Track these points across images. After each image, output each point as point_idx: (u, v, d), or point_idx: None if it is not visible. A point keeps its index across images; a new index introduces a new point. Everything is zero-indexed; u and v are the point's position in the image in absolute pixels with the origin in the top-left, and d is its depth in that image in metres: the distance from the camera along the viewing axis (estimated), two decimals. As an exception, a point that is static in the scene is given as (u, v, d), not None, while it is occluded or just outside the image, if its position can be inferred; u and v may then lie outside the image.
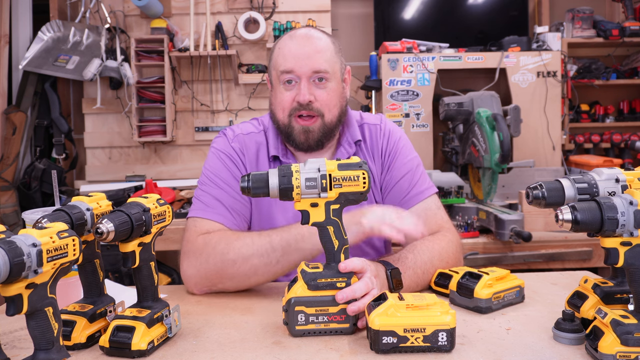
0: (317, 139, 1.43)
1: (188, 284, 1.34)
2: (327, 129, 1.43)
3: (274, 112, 1.46)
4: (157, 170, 3.69)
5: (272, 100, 1.48)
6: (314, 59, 1.38)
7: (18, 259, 0.79)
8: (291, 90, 1.40)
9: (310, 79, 1.39)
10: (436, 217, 1.46)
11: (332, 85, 1.42)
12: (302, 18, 3.63)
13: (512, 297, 1.21)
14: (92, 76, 3.40)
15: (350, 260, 1.07)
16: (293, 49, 1.39)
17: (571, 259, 2.57)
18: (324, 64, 1.39)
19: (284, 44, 1.42)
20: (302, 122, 1.41)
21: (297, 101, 1.39)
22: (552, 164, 3.32)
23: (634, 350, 0.87)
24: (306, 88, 1.38)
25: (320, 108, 1.40)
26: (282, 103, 1.41)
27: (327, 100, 1.41)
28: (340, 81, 1.45)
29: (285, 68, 1.39)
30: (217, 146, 1.49)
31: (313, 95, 1.39)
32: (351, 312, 1.04)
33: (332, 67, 1.41)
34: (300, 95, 1.38)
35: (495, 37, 3.56)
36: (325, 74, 1.39)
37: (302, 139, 1.42)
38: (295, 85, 1.40)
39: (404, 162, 1.51)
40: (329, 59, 1.40)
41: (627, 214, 0.88)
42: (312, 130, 1.41)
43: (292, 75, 1.39)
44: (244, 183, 1.04)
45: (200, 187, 1.46)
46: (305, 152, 1.46)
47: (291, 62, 1.38)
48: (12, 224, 3.21)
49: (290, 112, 1.41)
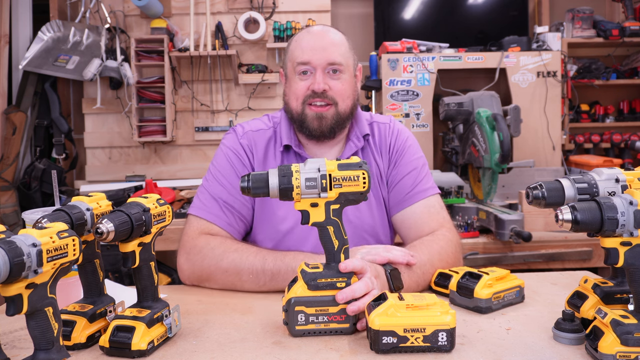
0: (330, 126, 1.46)
1: (181, 275, 1.43)
2: (340, 118, 1.46)
3: (287, 102, 1.51)
4: (157, 170, 3.69)
5: (286, 91, 1.52)
6: (329, 51, 1.44)
7: (18, 259, 0.79)
8: (306, 80, 1.45)
9: (325, 70, 1.44)
10: (438, 216, 1.47)
11: (346, 77, 1.47)
12: (302, 18, 3.63)
13: (512, 297, 1.21)
14: (92, 76, 3.40)
15: (350, 260, 1.07)
16: (310, 41, 1.45)
17: (571, 259, 2.57)
18: (338, 57, 1.44)
19: (301, 37, 1.48)
20: (315, 109, 1.45)
21: (312, 89, 1.43)
22: (552, 164, 3.32)
23: (634, 350, 0.87)
24: (321, 77, 1.43)
25: (334, 96, 1.45)
26: (297, 92, 1.46)
27: (341, 90, 1.45)
28: (352, 75, 1.51)
29: (302, 59, 1.44)
30: (226, 142, 1.53)
31: (327, 85, 1.44)
32: (351, 312, 1.04)
33: (346, 60, 1.47)
34: (316, 84, 1.43)
35: (495, 37, 3.56)
36: (340, 66, 1.45)
37: (315, 125, 1.45)
38: (310, 75, 1.45)
39: (410, 159, 1.54)
40: (343, 52, 1.46)
41: (627, 214, 0.88)
42: (326, 116, 1.45)
43: (308, 66, 1.44)
44: (243, 183, 1.05)
45: (204, 182, 1.51)
46: (317, 140, 1.49)
47: (308, 53, 1.44)
48: (12, 224, 3.21)
49: (304, 100, 1.45)
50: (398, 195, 1.51)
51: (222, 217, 1.43)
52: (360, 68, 1.56)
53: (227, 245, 1.36)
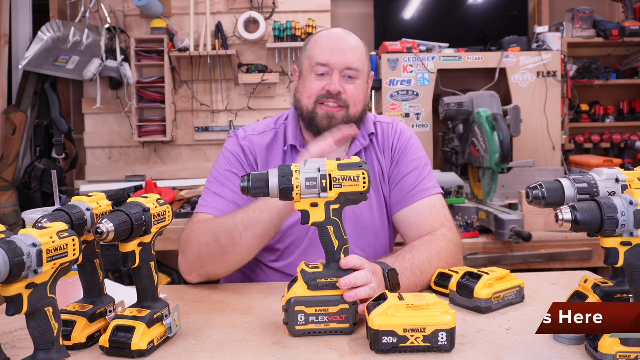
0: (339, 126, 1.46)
1: (182, 274, 1.41)
2: (349, 121, 1.48)
3: (299, 99, 1.52)
4: (157, 170, 3.69)
5: (298, 88, 1.53)
6: (348, 55, 1.46)
7: (18, 259, 0.79)
8: (322, 80, 1.47)
9: (342, 73, 1.46)
10: (439, 215, 1.48)
11: (360, 83, 1.49)
12: (302, 18, 3.63)
13: (512, 297, 1.21)
14: (92, 76, 3.40)
15: (351, 256, 1.08)
16: (331, 43, 1.48)
17: (571, 259, 2.57)
18: (356, 62, 1.46)
19: (322, 38, 1.50)
20: (326, 108, 1.46)
21: (328, 90, 1.45)
22: (552, 164, 3.32)
23: (634, 350, 0.87)
24: (337, 80, 1.45)
25: (347, 100, 1.47)
26: (311, 90, 1.47)
27: (354, 95, 1.47)
28: (366, 82, 1.53)
29: (321, 60, 1.46)
30: (227, 146, 1.55)
31: (342, 88, 1.45)
32: (348, 298, 1.05)
33: (362, 66, 1.49)
34: (332, 85, 1.45)
35: (495, 37, 3.56)
36: (356, 71, 1.47)
37: (324, 124, 1.46)
38: (326, 76, 1.47)
39: (412, 159, 1.55)
40: (360, 58, 1.48)
41: (627, 214, 0.88)
42: (337, 117, 1.46)
43: (326, 68, 1.45)
44: (244, 183, 1.05)
45: (207, 184, 1.52)
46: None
47: (327, 55, 1.46)
48: (12, 224, 3.21)
49: (317, 99, 1.47)
50: (399, 194, 1.51)
51: (224, 211, 1.42)
52: (372, 75, 1.58)
53: (206, 223, 1.37)
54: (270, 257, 1.51)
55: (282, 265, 1.50)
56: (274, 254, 1.50)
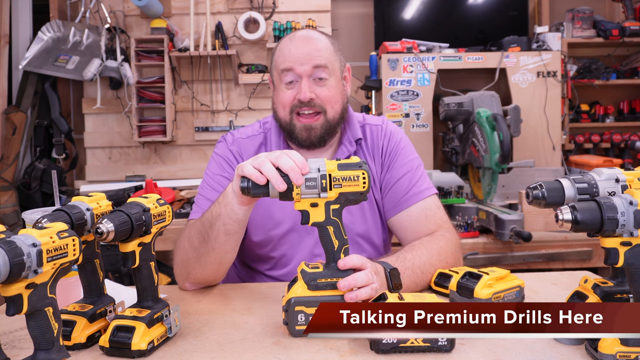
0: (319, 136, 1.45)
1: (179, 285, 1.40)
2: (329, 126, 1.45)
3: (276, 110, 1.49)
4: (157, 170, 3.69)
5: (274, 100, 1.51)
6: (313, 56, 1.41)
7: (18, 259, 0.79)
8: (292, 89, 1.43)
9: (311, 78, 1.42)
10: (435, 217, 1.47)
11: (332, 83, 1.44)
12: (302, 18, 3.63)
13: (512, 297, 1.21)
14: (92, 76, 3.40)
15: (349, 257, 1.07)
16: (293, 48, 1.42)
17: (571, 259, 2.57)
18: (322, 60, 1.42)
19: (284, 45, 1.45)
20: (304, 120, 1.43)
21: (298, 99, 1.42)
22: (552, 164, 3.32)
23: (634, 350, 0.87)
24: (307, 86, 1.41)
25: (322, 104, 1.43)
26: (283, 101, 1.44)
27: (328, 97, 1.43)
28: (340, 79, 1.48)
29: (285, 66, 1.42)
30: (217, 151, 1.54)
31: (314, 93, 1.42)
32: (349, 299, 1.04)
33: (332, 64, 1.44)
34: (302, 93, 1.41)
35: (495, 37, 3.56)
36: (324, 69, 1.42)
37: (304, 136, 1.45)
38: (296, 84, 1.43)
39: (404, 162, 1.52)
40: (327, 56, 1.43)
41: (627, 214, 0.87)
42: (315, 127, 1.44)
43: (292, 73, 1.42)
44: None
45: (199, 190, 1.51)
46: (307, 149, 1.48)
47: (291, 60, 1.41)
48: (12, 224, 3.21)
49: (292, 109, 1.44)
50: (393, 198, 1.49)
51: None
52: (348, 68, 1.53)
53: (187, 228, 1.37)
54: (265, 265, 1.51)
55: (279, 274, 1.49)
56: (269, 263, 1.50)
